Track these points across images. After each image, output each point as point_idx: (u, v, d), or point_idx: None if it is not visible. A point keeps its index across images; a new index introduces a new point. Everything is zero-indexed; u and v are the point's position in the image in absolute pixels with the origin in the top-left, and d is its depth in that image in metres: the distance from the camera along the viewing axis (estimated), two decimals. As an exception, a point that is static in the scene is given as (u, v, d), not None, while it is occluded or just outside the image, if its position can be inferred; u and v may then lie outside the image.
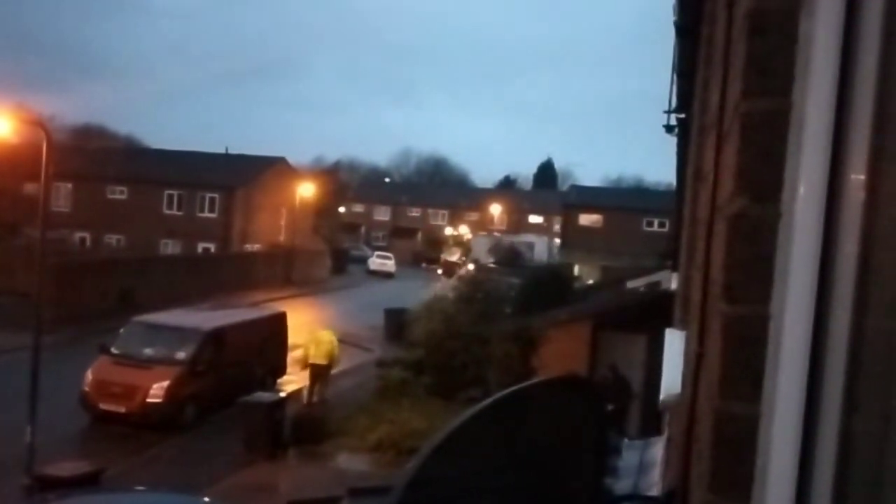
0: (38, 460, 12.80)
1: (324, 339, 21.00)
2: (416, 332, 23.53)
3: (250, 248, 48.42)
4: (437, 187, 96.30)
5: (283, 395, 19.03)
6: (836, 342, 1.25)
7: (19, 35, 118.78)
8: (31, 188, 39.45)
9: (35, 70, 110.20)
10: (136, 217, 47.14)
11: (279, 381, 22.02)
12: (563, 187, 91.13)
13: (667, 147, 12.17)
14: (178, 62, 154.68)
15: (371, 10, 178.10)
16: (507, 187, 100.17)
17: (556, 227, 70.58)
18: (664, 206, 44.22)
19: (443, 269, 59.01)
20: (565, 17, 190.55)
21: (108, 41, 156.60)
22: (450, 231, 77.85)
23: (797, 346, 1.28)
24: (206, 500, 12.74)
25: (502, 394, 1.74)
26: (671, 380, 3.90)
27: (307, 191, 52.95)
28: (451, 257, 62.87)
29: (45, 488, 11.89)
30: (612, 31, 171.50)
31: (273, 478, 15.85)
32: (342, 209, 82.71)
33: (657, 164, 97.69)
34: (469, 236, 73.04)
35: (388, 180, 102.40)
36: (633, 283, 26.56)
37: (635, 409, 16.01)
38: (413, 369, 22.43)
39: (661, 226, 53.04)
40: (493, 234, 69.56)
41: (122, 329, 19.72)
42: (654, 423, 13.41)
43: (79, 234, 47.25)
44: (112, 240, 48.03)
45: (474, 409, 1.64)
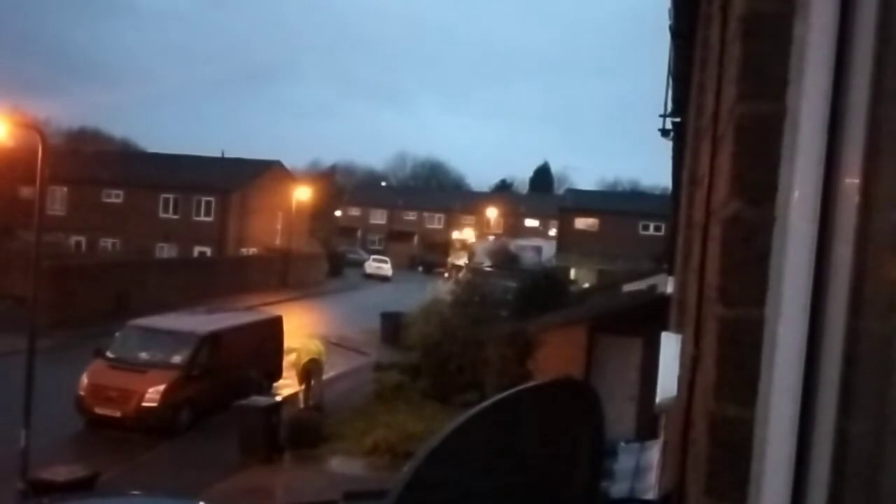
0: (32, 465, 12.75)
1: (311, 347, 21.03)
2: (412, 336, 23.51)
3: (246, 251, 48.37)
4: (433, 191, 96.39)
5: (278, 398, 19.02)
6: (832, 345, 1.25)
7: (14, 38, 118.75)
8: (26, 192, 39.43)
9: (30, 74, 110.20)
10: (131, 220, 47.11)
11: (275, 384, 22.00)
12: (560, 191, 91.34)
13: (662, 151, 12.22)
14: (174, 66, 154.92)
15: (367, 14, 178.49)
16: (504, 191, 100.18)
17: (553, 231, 70.68)
18: (660, 210, 44.39)
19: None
20: (561, 20, 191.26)
21: (104, 45, 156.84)
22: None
23: (792, 348, 1.28)
24: (201, 503, 12.75)
25: (499, 397, 1.74)
26: (667, 383, 3.90)
27: (303, 194, 52.95)
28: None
29: (40, 493, 11.84)
30: (608, 35, 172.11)
31: (269, 481, 15.83)
32: (338, 213, 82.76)
33: (653, 168, 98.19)
34: (472, 240, 73.13)
35: (384, 184, 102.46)
36: (629, 287, 26.62)
37: (631, 412, 16.02)
38: (409, 373, 22.45)
39: (657, 229, 53.15)
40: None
41: (118, 333, 19.69)
42: (650, 427, 13.42)
43: (74, 238, 47.19)
44: (107, 243, 47.99)
45: (471, 412, 1.64)
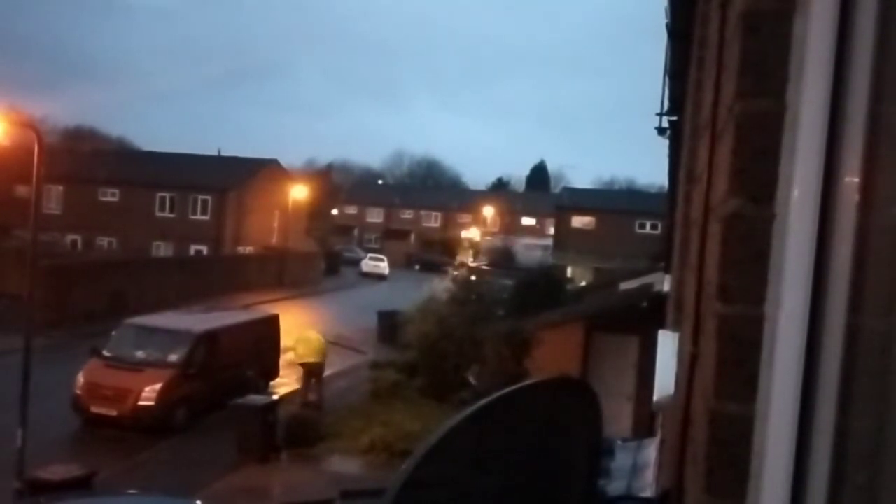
0: (29, 464, 12.73)
1: (311, 338, 21.08)
2: (409, 335, 23.51)
3: (243, 250, 48.31)
4: (429, 189, 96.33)
5: (275, 397, 18.99)
6: (831, 342, 1.24)
7: (11, 37, 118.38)
8: (22, 190, 39.40)
9: (26, 72, 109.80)
10: (127, 219, 47.02)
11: (272, 383, 21.98)
12: (556, 189, 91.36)
13: (659, 149, 12.21)
14: (171, 64, 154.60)
15: (364, 11, 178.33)
16: (500, 189, 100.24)
17: (549, 230, 70.70)
18: (656, 209, 44.41)
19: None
20: (557, 19, 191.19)
21: (100, 43, 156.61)
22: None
23: (792, 346, 1.28)
24: (198, 503, 12.73)
25: (496, 395, 1.73)
26: (664, 381, 3.90)
27: (300, 193, 52.90)
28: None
29: (37, 492, 11.83)
30: (604, 33, 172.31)
31: (265, 480, 15.81)
32: (335, 211, 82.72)
33: (649, 167, 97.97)
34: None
35: (380, 182, 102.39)
36: (625, 285, 26.62)
37: (628, 411, 16.04)
38: (406, 371, 22.45)
39: (654, 228, 53.22)
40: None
41: (114, 332, 19.66)
42: (646, 425, 13.45)
43: (70, 237, 47.12)
44: (104, 242, 47.92)
45: (468, 410, 1.63)
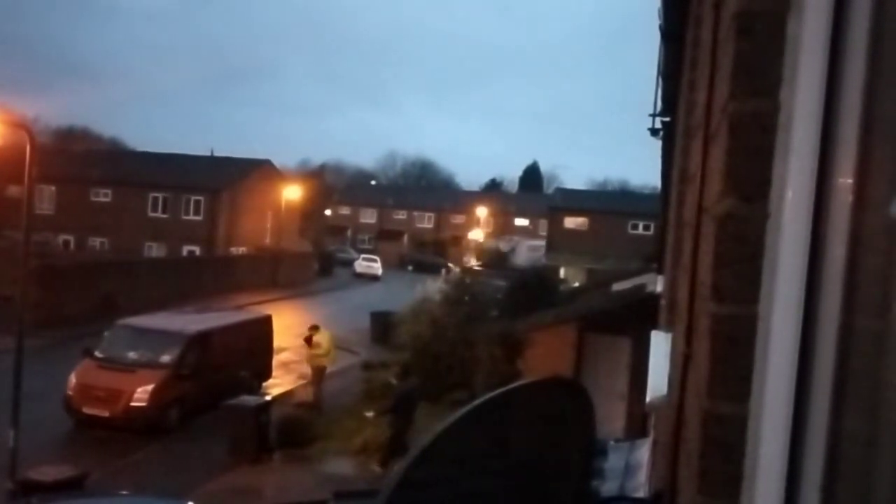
0: (21, 465, 12.68)
1: (324, 338, 21.32)
2: (402, 335, 23.49)
3: (236, 250, 48.18)
4: (423, 190, 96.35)
5: (268, 398, 18.95)
6: (825, 342, 1.25)
7: (2, 37, 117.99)
8: (14, 190, 39.22)
9: (19, 72, 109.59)
10: (120, 220, 46.85)
11: (264, 384, 21.94)
12: (549, 190, 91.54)
13: (652, 150, 12.23)
14: (163, 64, 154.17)
15: (356, 13, 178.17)
16: (493, 190, 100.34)
17: (542, 231, 70.77)
18: (649, 209, 44.50)
19: None
20: (550, 19, 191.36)
21: (93, 43, 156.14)
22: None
23: (785, 345, 1.28)
24: (190, 503, 12.70)
25: (489, 396, 1.73)
26: (657, 382, 3.90)
27: (293, 193, 52.79)
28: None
29: (29, 493, 11.76)
30: (597, 33, 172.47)
31: (258, 481, 15.78)
32: (328, 212, 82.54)
33: (642, 168, 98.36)
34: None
35: (374, 183, 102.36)
36: (618, 286, 26.61)
37: (620, 411, 16.05)
38: (399, 372, 22.41)
39: (647, 228, 53.30)
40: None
41: (106, 332, 19.58)
42: (639, 425, 13.46)
43: (62, 237, 46.95)
44: (96, 242, 47.73)
45: (461, 411, 1.63)
